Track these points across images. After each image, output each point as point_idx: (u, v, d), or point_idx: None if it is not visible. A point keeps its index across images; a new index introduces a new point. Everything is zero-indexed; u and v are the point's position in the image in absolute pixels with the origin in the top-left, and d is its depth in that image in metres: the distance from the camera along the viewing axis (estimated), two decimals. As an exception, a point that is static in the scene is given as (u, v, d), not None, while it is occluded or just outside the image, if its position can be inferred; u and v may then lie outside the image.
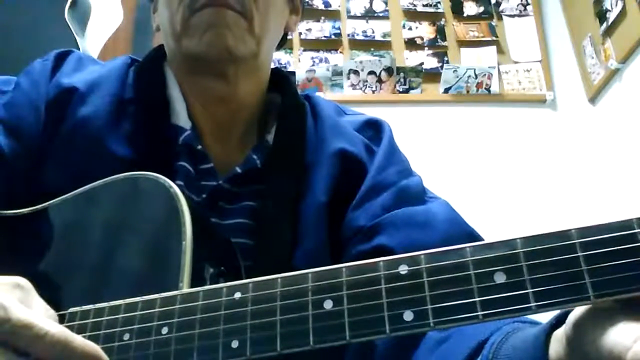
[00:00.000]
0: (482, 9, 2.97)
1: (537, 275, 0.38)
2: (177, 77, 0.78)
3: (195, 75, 0.76)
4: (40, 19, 1.72)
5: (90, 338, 0.46)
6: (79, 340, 0.42)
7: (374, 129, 0.81)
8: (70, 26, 1.76)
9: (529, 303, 0.38)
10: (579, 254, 0.37)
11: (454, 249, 0.41)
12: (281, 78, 0.84)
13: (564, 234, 0.38)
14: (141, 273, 0.57)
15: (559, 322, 0.42)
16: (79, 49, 1.65)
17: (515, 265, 0.39)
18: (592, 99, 2.67)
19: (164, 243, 0.58)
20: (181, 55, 0.76)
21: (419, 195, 0.74)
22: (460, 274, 0.40)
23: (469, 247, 0.41)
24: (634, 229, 0.36)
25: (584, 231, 0.38)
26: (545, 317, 0.43)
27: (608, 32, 2.50)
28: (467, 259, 0.40)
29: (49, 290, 0.57)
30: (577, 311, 0.39)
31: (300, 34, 2.81)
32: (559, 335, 0.41)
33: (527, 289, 0.38)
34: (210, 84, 0.76)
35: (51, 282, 0.60)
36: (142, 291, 0.51)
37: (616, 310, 0.37)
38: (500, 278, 0.39)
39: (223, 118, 0.77)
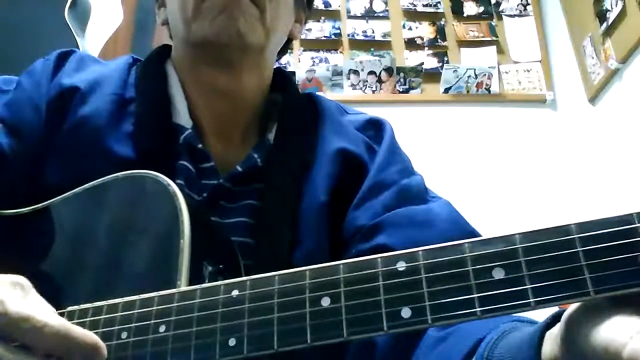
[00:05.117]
0: (482, 9, 2.97)
1: (536, 271, 0.38)
2: (181, 73, 0.79)
3: (201, 66, 0.76)
4: (41, 18, 1.72)
5: (88, 337, 0.46)
6: (79, 331, 0.42)
7: (375, 128, 0.81)
8: (70, 26, 1.77)
9: (528, 299, 0.37)
10: (579, 249, 0.37)
11: (452, 245, 0.41)
12: (283, 77, 0.85)
13: (563, 229, 0.38)
14: (140, 271, 0.57)
15: (554, 320, 0.42)
16: (79, 49, 1.65)
17: (514, 260, 0.39)
18: (592, 99, 2.67)
19: (162, 241, 0.58)
20: (189, 43, 0.76)
21: (420, 195, 0.74)
22: (458, 270, 0.40)
23: (467, 243, 0.40)
24: (634, 224, 0.36)
25: (583, 226, 0.38)
26: (544, 314, 0.42)
27: (608, 32, 2.50)
28: (466, 255, 0.40)
29: (48, 288, 0.57)
30: (572, 309, 0.39)
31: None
32: (554, 334, 0.41)
33: (525, 285, 0.38)
34: (215, 75, 0.76)
35: (50, 280, 0.60)
36: (140, 289, 0.51)
37: (611, 308, 0.37)
38: (498, 274, 0.38)
39: (225, 115, 0.77)
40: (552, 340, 0.41)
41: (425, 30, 2.91)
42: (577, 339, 0.38)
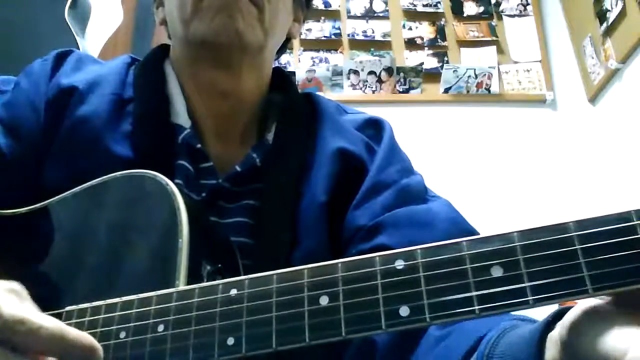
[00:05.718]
0: (482, 9, 2.97)
1: (535, 269, 0.38)
2: (179, 73, 0.79)
3: (199, 66, 0.76)
4: (41, 18, 1.72)
5: (86, 337, 0.46)
6: (75, 333, 0.42)
7: (374, 127, 0.81)
8: (70, 26, 1.76)
9: (527, 297, 0.37)
10: (577, 246, 0.37)
11: (450, 243, 0.41)
12: (282, 77, 0.85)
13: (561, 227, 0.38)
14: (138, 271, 0.57)
15: (555, 319, 0.41)
16: (79, 49, 1.65)
17: (512, 258, 0.38)
18: (592, 99, 2.67)
19: (161, 241, 0.58)
20: (188, 42, 0.76)
21: (420, 195, 0.74)
22: (456, 268, 0.39)
23: (465, 241, 0.40)
24: (633, 221, 0.36)
25: (581, 224, 0.38)
26: (543, 312, 0.42)
27: (608, 32, 2.50)
28: (464, 253, 0.40)
29: (46, 288, 0.57)
30: (573, 313, 0.38)
31: (300, 33, 2.81)
32: (554, 337, 0.40)
33: (524, 283, 0.37)
34: (213, 74, 0.76)
35: (49, 279, 0.60)
36: (138, 289, 0.51)
37: (613, 312, 0.36)
38: (497, 272, 0.38)
39: (223, 115, 0.77)
40: (553, 344, 0.40)
41: (425, 30, 2.91)
42: (579, 344, 0.37)
